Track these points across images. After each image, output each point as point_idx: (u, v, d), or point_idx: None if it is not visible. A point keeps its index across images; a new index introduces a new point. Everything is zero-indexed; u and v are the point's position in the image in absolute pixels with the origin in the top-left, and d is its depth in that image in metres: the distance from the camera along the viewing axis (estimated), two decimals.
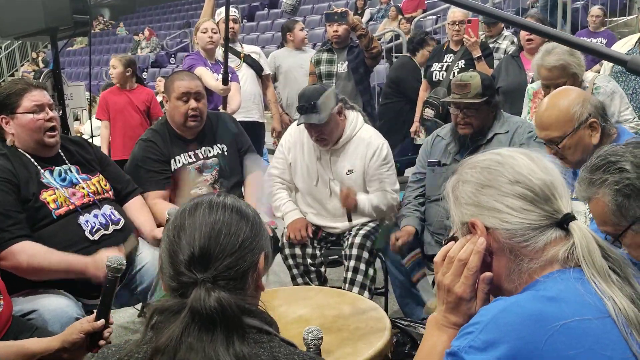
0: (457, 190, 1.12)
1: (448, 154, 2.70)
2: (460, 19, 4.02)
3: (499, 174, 1.07)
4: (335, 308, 2.12)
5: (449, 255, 1.10)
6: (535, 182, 1.05)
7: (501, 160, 1.09)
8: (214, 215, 1.04)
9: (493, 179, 1.07)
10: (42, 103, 2.17)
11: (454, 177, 1.14)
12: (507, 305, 0.96)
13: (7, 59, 16.24)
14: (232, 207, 1.07)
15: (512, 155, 1.10)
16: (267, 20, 12.92)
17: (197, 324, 0.95)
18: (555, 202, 1.05)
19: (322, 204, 2.87)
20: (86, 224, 2.19)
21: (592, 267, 0.99)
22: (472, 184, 1.09)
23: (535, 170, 1.06)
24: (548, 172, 1.07)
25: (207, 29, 3.89)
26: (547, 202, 1.04)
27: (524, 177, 1.05)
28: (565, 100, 1.93)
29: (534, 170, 1.06)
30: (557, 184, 1.06)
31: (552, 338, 0.91)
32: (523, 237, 1.03)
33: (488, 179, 1.07)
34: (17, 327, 1.83)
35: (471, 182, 1.09)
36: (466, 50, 3.96)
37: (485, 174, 1.08)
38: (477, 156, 1.14)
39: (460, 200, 1.10)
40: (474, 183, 1.09)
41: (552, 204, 1.04)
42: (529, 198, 1.04)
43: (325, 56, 4.30)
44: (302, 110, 2.66)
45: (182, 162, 2.71)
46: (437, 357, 1.08)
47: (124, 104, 4.33)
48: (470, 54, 3.91)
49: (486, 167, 1.09)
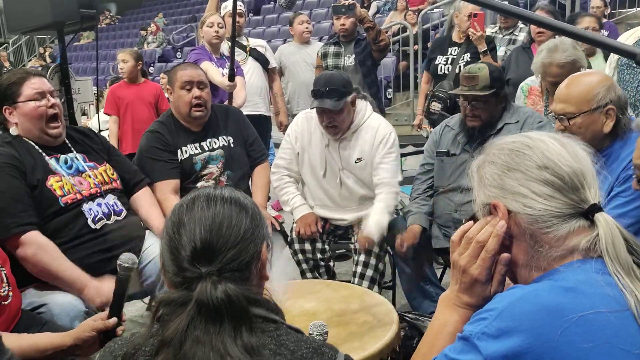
0: (482, 170, 1.09)
1: (457, 144, 2.68)
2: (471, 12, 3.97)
3: (527, 157, 1.04)
4: (342, 302, 2.12)
5: (467, 235, 1.08)
6: (564, 170, 1.02)
7: (531, 144, 1.06)
8: (212, 209, 1.04)
9: (521, 163, 1.04)
10: (43, 90, 2.16)
11: (481, 157, 1.11)
12: (524, 294, 0.94)
13: (15, 54, 16.30)
14: (230, 199, 1.06)
15: (543, 139, 1.06)
16: (273, 14, 12.88)
17: (203, 316, 0.95)
18: (582, 191, 1.02)
19: (329, 194, 2.85)
20: (89, 212, 2.18)
21: (616, 260, 0.97)
22: (498, 165, 1.07)
23: (565, 156, 1.03)
24: (579, 159, 1.04)
25: (213, 23, 3.89)
26: (574, 191, 1.01)
27: (553, 163, 1.02)
28: (591, 79, 1.92)
29: (564, 156, 1.03)
30: (586, 173, 1.03)
31: (567, 330, 0.89)
32: (545, 224, 1.01)
33: (515, 162, 1.05)
34: (27, 320, 1.84)
35: (498, 163, 1.07)
36: (471, 43, 3.92)
37: (513, 157, 1.06)
38: (507, 137, 1.12)
39: (485, 180, 1.08)
40: (501, 165, 1.06)
41: (579, 193, 1.02)
42: (556, 185, 1.01)
43: (332, 49, 4.30)
44: (317, 95, 2.64)
45: (188, 152, 2.72)
46: (447, 336, 1.07)
47: (133, 98, 4.34)
48: (476, 47, 3.87)
49: (514, 150, 1.06)
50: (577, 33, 1.19)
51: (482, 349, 0.91)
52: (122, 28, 17.58)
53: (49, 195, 2.11)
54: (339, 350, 1.04)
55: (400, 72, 7.97)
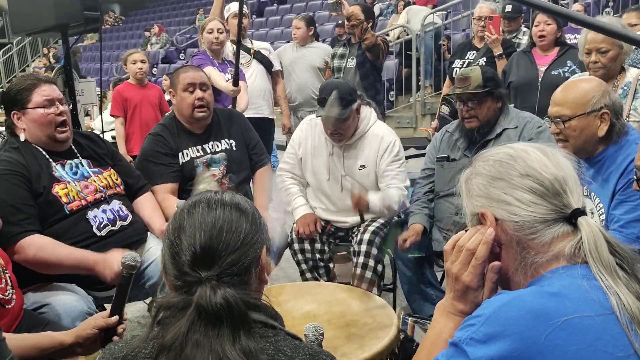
0: (469, 182, 1.13)
1: (457, 149, 2.70)
2: (487, 15, 3.96)
3: (510, 167, 1.08)
4: (342, 304, 2.13)
5: (458, 244, 1.12)
6: (546, 177, 1.05)
7: (513, 154, 1.10)
8: (213, 213, 1.04)
9: (504, 172, 1.08)
10: (52, 97, 2.18)
11: (468, 170, 1.16)
12: (509, 299, 0.97)
13: (19, 55, 16.37)
14: (230, 204, 1.07)
15: (526, 149, 1.11)
16: (276, 16, 12.92)
17: (203, 320, 0.96)
18: (565, 197, 1.05)
19: (332, 199, 2.87)
20: (94, 219, 2.20)
21: (599, 262, 0.99)
22: (483, 176, 1.11)
23: (547, 164, 1.07)
24: (561, 167, 1.07)
25: (212, 29, 3.88)
26: (556, 197, 1.05)
27: (535, 171, 1.06)
28: (587, 85, 1.97)
29: (546, 164, 1.07)
30: (568, 179, 1.06)
31: (552, 334, 0.91)
32: (530, 230, 1.04)
33: (499, 172, 1.09)
34: (29, 320, 1.85)
35: (483, 174, 1.11)
36: (490, 47, 3.93)
37: (497, 167, 1.10)
38: (491, 150, 1.16)
39: (472, 192, 1.12)
40: (486, 175, 1.10)
41: (561, 198, 1.05)
42: (538, 192, 1.05)
43: (340, 51, 4.37)
44: (323, 103, 2.66)
45: (190, 155, 2.74)
46: (443, 344, 1.09)
47: (140, 99, 4.35)
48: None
49: (498, 160, 1.11)
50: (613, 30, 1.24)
51: (471, 354, 0.94)
52: (125, 29, 17.63)
53: (54, 202, 2.13)
54: (336, 357, 1.06)
55: (402, 74, 7.98)
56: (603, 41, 2.56)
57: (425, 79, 7.71)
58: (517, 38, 4.34)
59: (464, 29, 8.12)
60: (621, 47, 2.60)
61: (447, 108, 4.00)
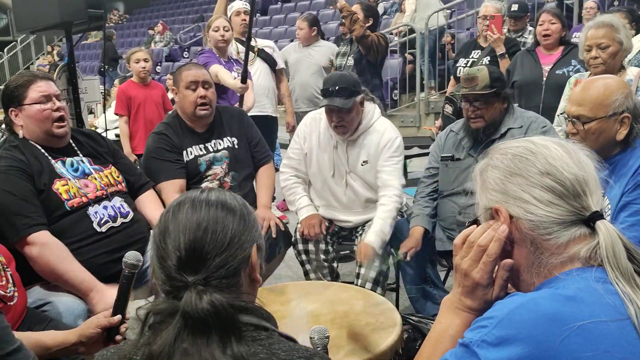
0: (485, 174, 1.09)
1: (462, 149, 2.69)
2: (492, 14, 3.94)
3: (529, 163, 1.04)
4: (346, 303, 2.12)
5: (469, 239, 1.08)
6: (566, 176, 1.01)
7: (534, 150, 1.05)
8: (197, 214, 1.01)
9: (523, 168, 1.04)
10: (49, 93, 2.18)
11: (484, 161, 1.11)
12: (523, 302, 0.94)
13: (23, 52, 16.40)
14: (216, 203, 1.03)
15: (547, 145, 1.05)
16: (280, 15, 12.89)
17: (190, 328, 0.93)
18: (584, 198, 1.01)
19: (335, 195, 2.86)
20: (95, 215, 2.19)
21: (617, 269, 0.96)
22: (501, 170, 1.06)
23: (568, 163, 1.02)
24: (582, 166, 1.02)
25: (218, 27, 3.88)
26: (576, 198, 1.00)
27: (556, 169, 1.01)
28: (611, 84, 1.88)
29: (568, 163, 1.02)
30: (589, 180, 1.02)
31: (567, 339, 0.88)
32: (546, 230, 1.00)
33: (518, 167, 1.04)
34: (32, 318, 1.85)
35: (500, 168, 1.06)
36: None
37: (516, 162, 1.05)
38: (510, 142, 1.11)
39: (487, 185, 1.08)
40: (503, 169, 1.06)
41: (581, 200, 1.01)
42: (557, 192, 1.00)
43: (343, 48, 4.41)
44: (326, 94, 2.65)
45: (193, 153, 2.74)
46: (448, 340, 1.07)
47: (144, 98, 4.36)
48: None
49: (518, 155, 1.06)
50: None
51: (482, 357, 0.91)
52: (130, 27, 17.64)
53: (55, 199, 2.12)
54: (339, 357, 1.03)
55: (406, 73, 7.96)
56: (604, 37, 2.56)
57: (429, 79, 7.69)
58: (522, 37, 4.32)
59: (468, 28, 8.10)
60: (621, 43, 2.59)
61: (451, 107, 3.99)
